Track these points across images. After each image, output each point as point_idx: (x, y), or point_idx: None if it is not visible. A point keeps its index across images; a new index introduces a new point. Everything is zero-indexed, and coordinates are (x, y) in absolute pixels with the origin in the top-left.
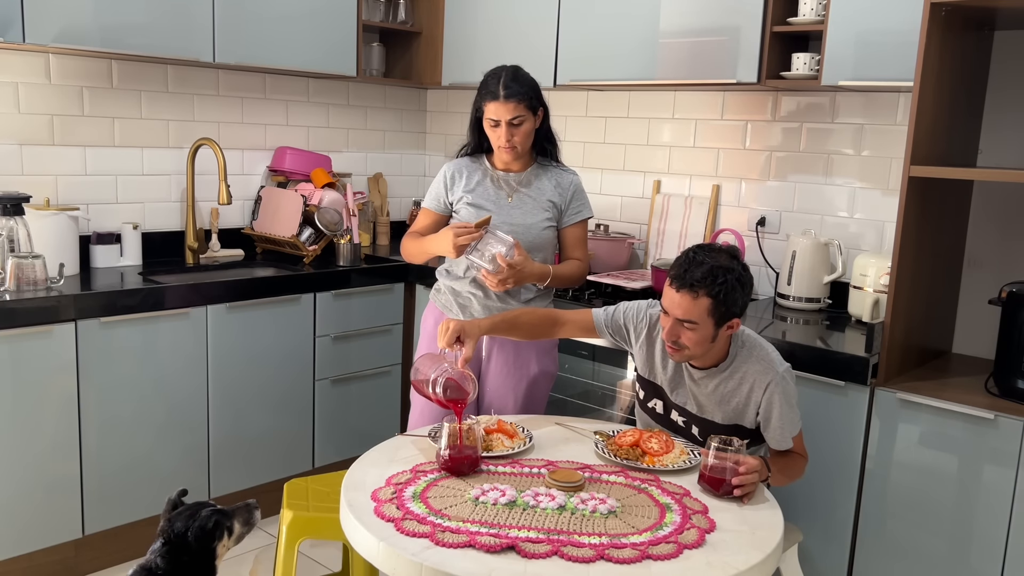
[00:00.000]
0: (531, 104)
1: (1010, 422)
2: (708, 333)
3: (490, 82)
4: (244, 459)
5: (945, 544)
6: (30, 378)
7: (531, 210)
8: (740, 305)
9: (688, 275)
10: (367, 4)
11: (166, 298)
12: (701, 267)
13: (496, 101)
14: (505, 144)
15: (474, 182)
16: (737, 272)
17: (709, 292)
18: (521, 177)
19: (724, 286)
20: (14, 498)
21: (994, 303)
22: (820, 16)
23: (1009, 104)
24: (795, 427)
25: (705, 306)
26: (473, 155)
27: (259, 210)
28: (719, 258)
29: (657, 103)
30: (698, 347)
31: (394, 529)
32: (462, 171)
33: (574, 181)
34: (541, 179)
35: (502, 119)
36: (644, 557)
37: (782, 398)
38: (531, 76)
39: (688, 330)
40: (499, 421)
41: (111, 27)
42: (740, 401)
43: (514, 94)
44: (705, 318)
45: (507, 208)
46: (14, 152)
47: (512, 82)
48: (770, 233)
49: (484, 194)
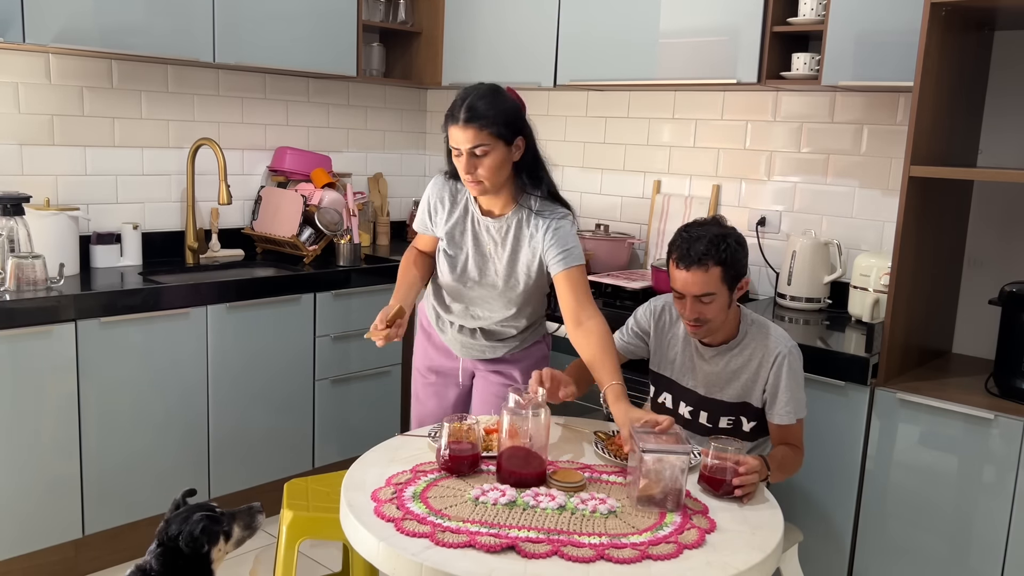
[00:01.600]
0: (499, 132)
1: (1010, 422)
2: (726, 299)
3: (456, 101)
4: (244, 459)
5: (945, 544)
6: (30, 378)
7: (507, 270)
8: (744, 264)
9: (692, 252)
10: (367, 4)
11: (166, 298)
12: (701, 241)
13: (455, 125)
14: (467, 177)
15: (453, 221)
16: (734, 234)
17: (717, 260)
18: (501, 224)
19: (728, 250)
20: (14, 498)
21: (994, 303)
22: (820, 16)
23: (1009, 104)
24: (800, 408)
25: (717, 275)
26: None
27: (259, 210)
28: (711, 228)
29: (657, 103)
30: (719, 315)
31: (394, 529)
32: (444, 200)
33: (559, 225)
34: (523, 229)
35: (462, 147)
36: (644, 557)
37: (789, 372)
38: (512, 100)
39: (707, 303)
40: (499, 421)
41: (111, 27)
42: (749, 377)
43: (476, 118)
44: (720, 286)
45: (485, 265)
46: (14, 152)
47: (478, 102)
48: (770, 233)
49: (461, 241)
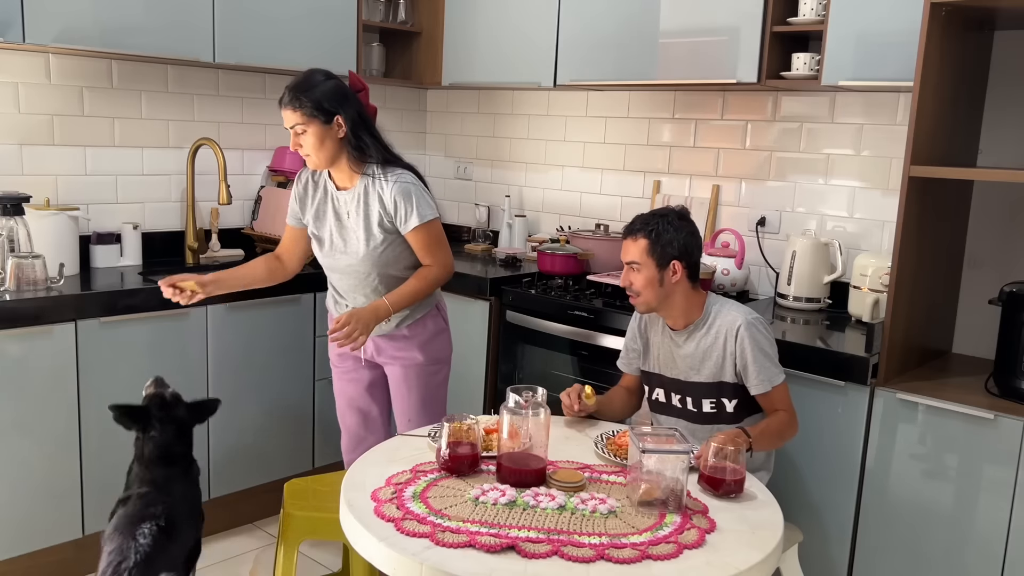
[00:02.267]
0: (311, 112)
1: (1010, 422)
2: (652, 275)
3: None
4: (244, 459)
5: (945, 544)
6: (30, 378)
7: (365, 232)
8: (676, 246)
9: (632, 225)
10: (367, 4)
11: (166, 298)
12: (642, 218)
13: (280, 107)
14: (297, 152)
15: (316, 203)
16: (672, 218)
17: (645, 234)
18: (351, 194)
19: (656, 227)
20: (14, 498)
21: (994, 303)
22: (820, 16)
23: (1009, 104)
24: (773, 375)
25: (643, 246)
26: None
27: (259, 210)
28: (662, 210)
29: (657, 103)
30: (647, 289)
31: (394, 529)
32: (308, 188)
33: (396, 187)
34: (370, 193)
35: (286, 124)
36: (644, 557)
37: (752, 342)
38: (330, 81)
39: (635, 271)
40: (499, 421)
41: (111, 27)
42: (718, 355)
43: (291, 100)
44: (645, 258)
45: (346, 233)
46: (14, 152)
47: (296, 87)
48: (770, 233)
49: (324, 217)
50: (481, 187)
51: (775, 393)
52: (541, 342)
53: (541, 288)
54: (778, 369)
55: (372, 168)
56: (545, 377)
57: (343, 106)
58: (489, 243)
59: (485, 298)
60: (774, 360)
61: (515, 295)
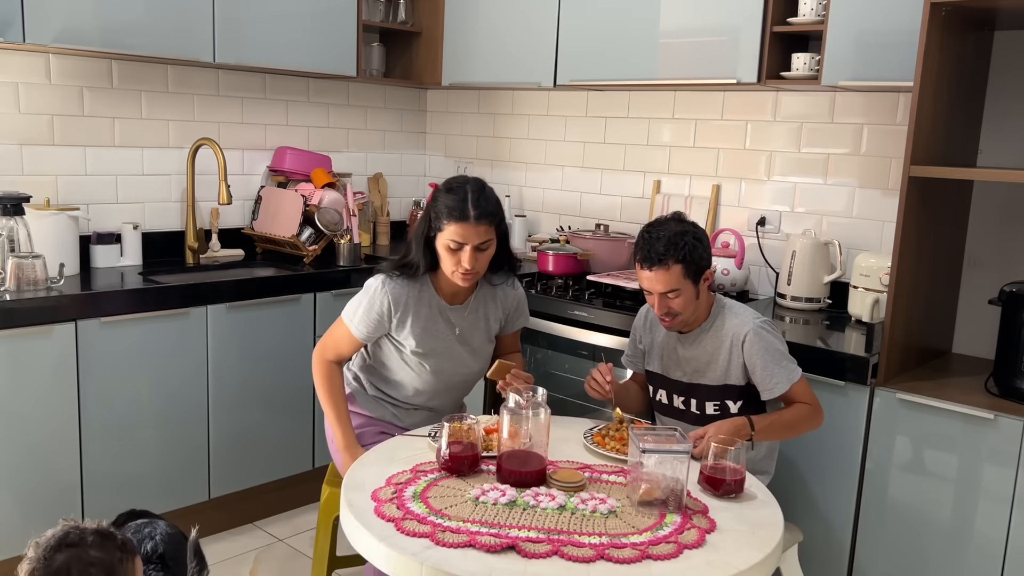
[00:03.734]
0: (500, 227)
1: (1010, 422)
2: (691, 293)
3: (454, 197)
4: (244, 459)
5: (945, 544)
6: (30, 378)
7: (479, 345)
8: (706, 257)
9: (653, 252)
10: (367, 4)
11: (166, 298)
12: (660, 241)
13: (464, 222)
14: (467, 271)
15: (422, 320)
16: (691, 232)
17: (677, 258)
18: (466, 308)
19: (686, 248)
20: (14, 498)
21: (994, 303)
22: (820, 16)
23: (1009, 104)
24: (788, 375)
25: (679, 272)
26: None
27: (259, 210)
28: (670, 227)
29: (657, 103)
30: (687, 308)
31: (394, 529)
32: (407, 301)
33: (519, 295)
34: (486, 302)
35: (469, 243)
36: (644, 557)
37: (761, 348)
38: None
39: (673, 299)
40: (499, 421)
41: (111, 27)
42: (724, 359)
43: (486, 215)
44: (683, 281)
45: (456, 355)
46: (14, 152)
47: (482, 200)
48: (770, 233)
49: (435, 335)
50: None
51: (795, 390)
52: (541, 342)
53: (541, 288)
54: (794, 365)
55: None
56: (545, 377)
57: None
58: None
59: None
60: (788, 358)
61: None
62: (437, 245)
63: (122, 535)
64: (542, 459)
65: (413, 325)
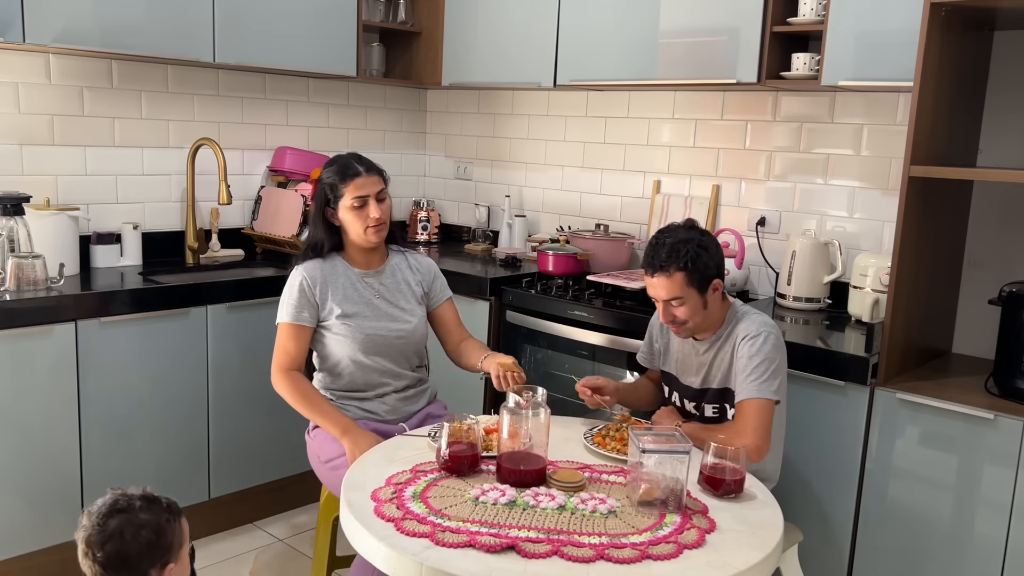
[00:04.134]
0: (385, 179)
1: (1010, 422)
2: (696, 301)
3: (338, 165)
4: (244, 459)
5: (945, 544)
6: (30, 378)
7: (406, 304)
8: (713, 267)
9: (656, 259)
10: (367, 4)
11: (166, 298)
12: (664, 247)
13: (359, 177)
14: (376, 221)
15: (341, 288)
16: (696, 239)
17: (679, 266)
18: (383, 273)
19: (689, 256)
20: (14, 498)
21: (994, 303)
22: (820, 16)
23: (1009, 104)
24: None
25: (681, 279)
26: (325, 257)
27: (259, 210)
28: (678, 233)
29: (657, 103)
30: (694, 317)
31: (394, 529)
32: (324, 277)
33: (429, 260)
34: (401, 268)
35: (370, 192)
36: (644, 557)
37: (749, 349)
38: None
39: (678, 306)
40: (499, 421)
41: (111, 27)
42: (729, 361)
43: (373, 167)
44: (687, 289)
45: (382, 313)
46: (14, 152)
47: (364, 159)
48: (770, 233)
49: (356, 299)
50: (481, 187)
51: (749, 406)
52: (541, 342)
53: (541, 288)
54: (771, 386)
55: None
56: (545, 377)
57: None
58: (489, 243)
59: (485, 298)
60: (772, 375)
61: (515, 295)
62: (340, 216)
63: (167, 498)
64: (542, 459)
65: (333, 294)
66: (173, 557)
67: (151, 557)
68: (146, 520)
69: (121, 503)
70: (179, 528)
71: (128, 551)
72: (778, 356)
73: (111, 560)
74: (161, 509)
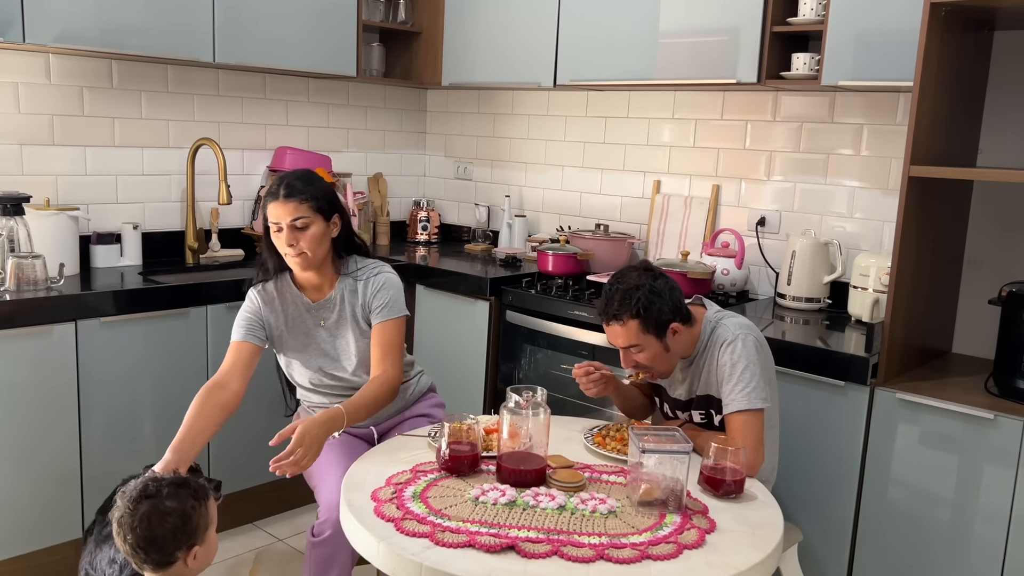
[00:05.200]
0: (318, 206)
1: (1010, 422)
2: (656, 347)
3: (272, 184)
4: (244, 458)
5: (945, 544)
6: (30, 378)
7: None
8: (668, 311)
9: (609, 308)
10: (367, 4)
11: (166, 298)
12: (616, 295)
13: (274, 201)
14: (289, 250)
15: (289, 318)
16: (647, 285)
17: (631, 314)
18: (329, 303)
19: (640, 303)
20: (14, 498)
21: (994, 303)
22: (820, 16)
23: (1009, 104)
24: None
25: (635, 327)
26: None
27: (259, 210)
28: (629, 279)
29: (657, 103)
30: (657, 361)
31: (394, 529)
32: (274, 301)
33: (381, 280)
34: (350, 295)
35: (283, 221)
36: (644, 557)
37: (730, 356)
38: (326, 182)
39: (637, 353)
40: (499, 421)
41: (111, 27)
42: (709, 370)
43: (295, 193)
44: (643, 336)
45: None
46: (14, 152)
47: (296, 181)
48: (770, 233)
49: (303, 331)
50: (481, 187)
51: (740, 419)
52: (541, 342)
53: (541, 288)
54: (759, 394)
55: (350, 266)
56: (545, 377)
57: (339, 206)
58: (489, 243)
59: (485, 298)
60: (759, 380)
61: (515, 295)
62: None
63: (195, 482)
64: (542, 459)
65: (277, 322)
66: (199, 539)
67: (176, 541)
68: (172, 507)
69: (150, 489)
70: (205, 511)
71: (155, 535)
72: (759, 356)
73: (140, 542)
74: (188, 495)
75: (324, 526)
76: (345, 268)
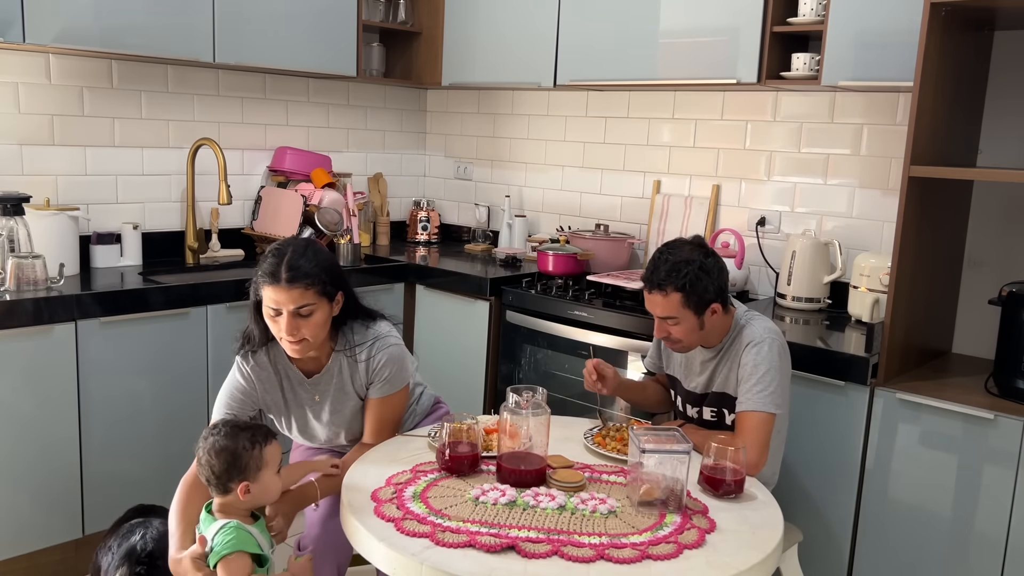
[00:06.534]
0: (324, 290)
1: (1010, 422)
2: (692, 323)
3: (271, 259)
4: None
5: (945, 544)
6: (30, 378)
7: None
8: (712, 291)
9: (655, 276)
10: (367, 4)
11: (166, 298)
12: (665, 265)
13: (276, 285)
14: (288, 339)
15: (282, 391)
16: (698, 262)
17: (676, 287)
18: (324, 377)
19: (688, 277)
20: (14, 498)
21: (994, 303)
22: (820, 16)
23: (1009, 104)
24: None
25: (677, 300)
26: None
27: (259, 210)
28: (681, 252)
29: (657, 103)
30: (689, 336)
31: (394, 529)
32: (267, 375)
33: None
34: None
35: (284, 308)
36: (644, 557)
37: (754, 357)
38: (326, 251)
39: (672, 325)
40: (499, 421)
41: (111, 27)
42: (731, 367)
43: (300, 276)
44: (682, 310)
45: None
46: (14, 152)
47: (300, 260)
48: (770, 233)
49: (297, 403)
50: (481, 187)
51: (749, 419)
52: (541, 342)
53: (541, 288)
54: (773, 399)
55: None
56: (545, 377)
57: (342, 281)
58: (489, 243)
59: (485, 298)
60: (771, 388)
61: (515, 295)
62: (264, 313)
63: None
64: (542, 459)
65: (275, 396)
66: (251, 478)
67: (229, 475)
68: (224, 446)
69: (216, 428)
70: (258, 455)
71: (214, 467)
72: (782, 363)
73: (205, 470)
74: (244, 437)
75: (306, 540)
76: (343, 340)
